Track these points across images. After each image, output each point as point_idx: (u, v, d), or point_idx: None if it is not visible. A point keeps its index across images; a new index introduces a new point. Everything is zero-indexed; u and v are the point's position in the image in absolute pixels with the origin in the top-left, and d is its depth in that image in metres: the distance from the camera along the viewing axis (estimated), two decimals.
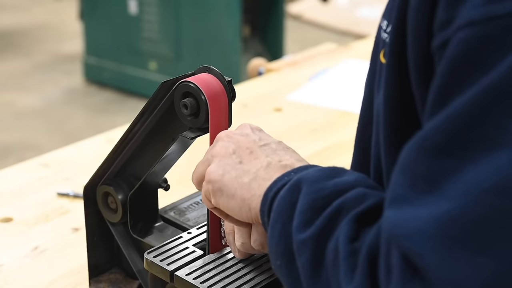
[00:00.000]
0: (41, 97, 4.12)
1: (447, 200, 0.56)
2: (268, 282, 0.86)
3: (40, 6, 5.66)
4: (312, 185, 0.71)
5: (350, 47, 2.24)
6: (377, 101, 0.74)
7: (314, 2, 5.40)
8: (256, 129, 0.84)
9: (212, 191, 0.79)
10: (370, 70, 0.78)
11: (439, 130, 0.58)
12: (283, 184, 0.74)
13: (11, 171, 1.45)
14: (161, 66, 3.99)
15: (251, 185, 0.77)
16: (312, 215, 0.69)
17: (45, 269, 1.14)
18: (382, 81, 0.71)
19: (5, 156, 3.46)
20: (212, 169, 0.79)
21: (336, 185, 0.71)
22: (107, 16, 4.09)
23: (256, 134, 0.83)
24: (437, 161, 0.58)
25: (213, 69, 0.89)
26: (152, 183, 1.02)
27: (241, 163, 0.79)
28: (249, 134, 0.82)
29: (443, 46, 0.60)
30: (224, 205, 0.79)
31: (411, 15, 0.65)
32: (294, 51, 3.60)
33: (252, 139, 0.81)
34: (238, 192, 0.77)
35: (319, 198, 0.70)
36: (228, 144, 0.81)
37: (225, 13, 3.70)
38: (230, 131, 0.84)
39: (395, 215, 0.59)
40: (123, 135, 0.98)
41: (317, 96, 1.84)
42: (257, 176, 0.77)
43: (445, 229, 0.55)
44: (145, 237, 1.01)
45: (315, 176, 0.73)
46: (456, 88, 0.58)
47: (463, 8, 0.58)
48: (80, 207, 1.11)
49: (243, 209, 0.77)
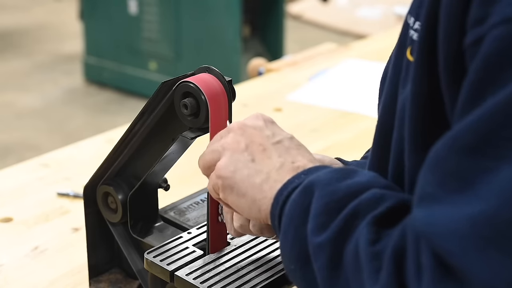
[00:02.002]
0: (41, 97, 4.12)
1: (480, 199, 0.56)
2: (268, 282, 0.86)
3: (40, 6, 5.66)
4: (325, 187, 0.71)
5: (350, 47, 2.24)
6: (402, 97, 0.73)
7: (314, 2, 5.40)
8: (268, 121, 0.83)
9: (222, 187, 0.78)
10: (394, 67, 0.77)
11: (471, 129, 0.57)
12: (294, 187, 0.74)
13: (11, 171, 1.45)
14: (161, 66, 3.99)
15: (263, 186, 0.76)
16: (327, 218, 0.69)
17: (45, 269, 1.14)
18: (410, 78, 0.70)
19: (5, 156, 3.46)
20: (223, 164, 0.78)
21: (350, 187, 0.70)
22: (107, 16, 4.09)
23: (269, 128, 0.82)
24: (469, 160, 0.57)
25: (213, 69, 0.89)
26: (152, 183, 1.02)
27: (253, 161, 0.77)
28: (262, 127, 0.81)
29: (476, 44, 0.59)
30: (233, 202, 0.78)
31: (443, 12, 0.64)
32: (294, 51, 3.60)
33: (265, 135, 0.80)
34: (249, 192, 0.76)
35: (333, 201, 0.69)
36: (241, 138, 0.79)
37: (225, 13, 3.70)
38: (242, 123, 0.82)
39: (426, 214, 0.59)
40: (123, 135, 0.98)
41: (317, 96, 1.84)
42: (269, 177, 0.76)
43: (478, 229, 0.55)
44: (145, 237, 1.01)
45: (327, 178, 0.72)
46: (490, 86, 0.57)
47: (498, 6, 0.58)
48: (80, 207, 1.11)
49: (253, 210, 0.77)
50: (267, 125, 0.82)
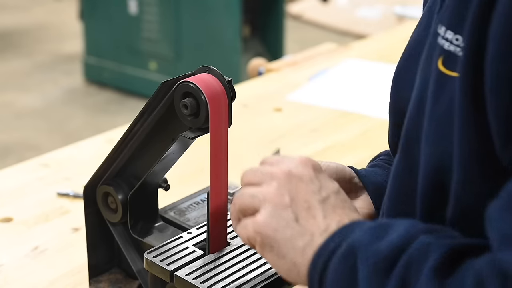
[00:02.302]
0: (41, 97, 4.12)
1: None
2: (268, 282, 0.86)
3: (40, 6, 5.66)
4: (367, 249, 0.68)
5: (350, 47, 2.24)
6: (437, 111, 0.69)
7: (314, 2, 5.40)
8: (316, 170, 0.77)
9: (261, 243, 0.75)
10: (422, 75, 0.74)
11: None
12: (331, 251, 0.70)
13: (11, 171, 1.45)
14: (161, 66, 3.99)
15: (306, 250, 0.72)
16: (380, 281, 0.66)
17: (45, 269, 1.14)
18: (457, 96, 0.66)
19: (5, 156, 3.46)
20: (263, 220, 0.74)
21: (392, 243, 0.67)
22: (107, 16, 4.09)
23: (317, 181, 0.76)
24: None
25: (213, 69, 0.89)
26: (152, 183, 1.02)
27: (297, 220, 0.73)
28: (309, 179, 0.76)
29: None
30: (271, 261, 0.75)
31: (496, 32, 0.62)
32: (294, 51, 3.60)
33: (311, 190, 0.75)
34: (291, 254, 0.73)
35: (380, 261, 0.66)
36: (285, 191, 0.75)
37: (225, 13, 3.70)
38: (289, 170, 0.76)
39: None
40: (123, 135, 0.98)
41: (317, 96, 1.84)
42: (313, 241, 0.72)
43: None
44: (145, 237, 1.01)
45: (366, 239, 0.69)
46: None
47: None
48: (80, 207, 1.11)
49: (292, 272, 0.73)
50: (316, 175, 0.77)
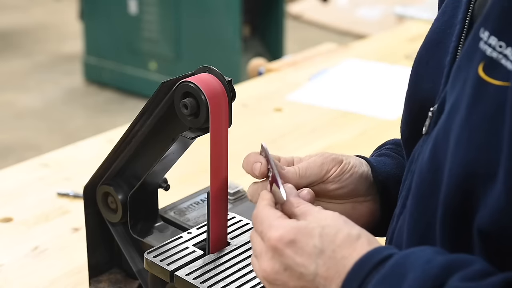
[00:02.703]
0: (41, 97, 4.12)
1: None
2: None
3: (40, 6, 5.66)
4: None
5: (350, 47, 2.24)
6: (475, 117, 0.67)
7: (314, 2, 5.39)
8: (288, 248, 0.73)
9: None
10: (462, 76, 0.72)
11: None
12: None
13: (11, 171, 1.45)
14: (161, 66, 3.99)
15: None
16: None
17: (45, 269, 1.14)
18: (509, 106, 0.65)
19: (5, 156, 3.46)
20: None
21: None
22: (107, 16, 4.09)
23: (294, 263, 0.73)
24: None
25: (213, 69, 0.89)
26: (152, 183, 1.02)
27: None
28: (286, 268, 0.74)
29: None
30: None
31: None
32: (294, 51, 3.60)
33: (296, 277, 0.73)
34: None
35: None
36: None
37: (225, 13, 3.70)
38: (265, 271, 0.75)
39: None
40: (123, 135, 0.98)
41: (317, 96, 1.84)
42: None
43: None
44: (145, 237, 1.01)
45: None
46: None
47: None
48: (80, 207, 1.11)
49: None
50: (286, 260, 0.74)
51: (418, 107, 0.81)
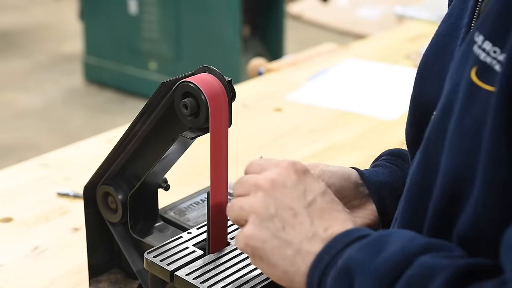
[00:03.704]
0: (41, 97, 4.12)
1: None
2: (268, 282, 0.86)
3: (40, 6, 5.66)
4: (363, 268, 0.67)
5: (350, 47, 2.24)
6: (466, 122, 0.68)
7: (314, 2, 5.39)
8: (301, 173, 0.78)
9: (252, 255, 0.76)
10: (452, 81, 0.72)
11: None
12: (326, 265, 0.70)
13: (11, 171, 1.45)
14: (161, 66, 3.99)
15: (295, 259, 0.73)
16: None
17: (45, 269, 1.14)
18: (492, 110, 0.64)
19: (5, 156, 3.46)
20: (251, 233, 0.75)
21: (388, 262, 0.66)
22: (107, 16, 4.09)
23: (301, 183, 0.77)
24: None
25: (213, 69, 0.89)
26: (152, 183, 1.02)
27: (284, 229, 0.74)
28: (292, 185, 0.76)
29: None
30: (264, 270, 0.76)
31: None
32: (294, 51, 3.60)
33: (296, 196, 0.76)
34: (280, 263, 0.74)
35: (376, 283, 0.66)
36: (269, 200, 0.75)
37: (225, 13, 3.70)
38: (272, 179, 0.76)
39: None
40: (123, 135, 0.98)
41: (317, 96, 1.84)
42: (301, 248, 0.73)
43: None
44: (145, 237, 1.01)
45: (361, 257, 0.68)
46: None
47: None
48: (80, 207, 1.11)
49: (285, 280, 0.74)
50: (299, 179, 0.77)
51: (422, 110, 0.80)
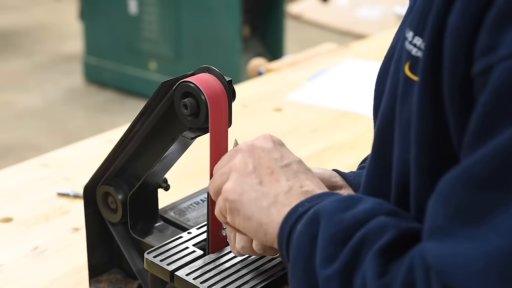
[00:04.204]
0: (41, 97, 4.12)
1: (496, 235, 0.54)
2: (268, 282, 0.86)
3: (40, 6, 5.66)
4: (331, 217, 0.69)
5: (350, 47, 2.24)
6: (403, 116, 0.70)
7: (314, 2, 5.39)
8: (277, 143, 0.82)
9: (229, 210, 0.78)
10: (392, 81, 0.74)
11: (485, 162, 0.56)
12: (298, 216, 0.72)
13: (11, 171, 1.45)
14: (161, 66, 3.99)
15: (270, 210, 0.75)
16: (335, 249, 0.67)
17: (45, 269, 1.14)
18: (415, 99, 0.67)
19: (5, 156, 3.45)
20: (229, 187, 0.77)
21: (355, 216, 0.68)
22: (107, 16, 4.09)
23: (278, 150, 0.80)
24: (483, 194, 0.56)
25: (213, 69, 0.89)
26: (152, 183, 1.02)
27: (261, 184, 0.76)
28: (270, 149, 0.80)
29: (484, 73, 0.58)
30: (240, 225, 0.77)
31: (450, 36, 0.62)
32: (294, 51, 3.60)
33: (274, 157, 0.79)
34: (256, 215, 0.75)
35: (339, 231, 0.68)
36: (248, 159, 0.78)
37: (225, 13, 3.70)
38: (252, 144, 0.80)
39: (438, 247, 0.57)
40: (123, 135, 0.98)
41: (317, 96, 1.84)
42: (277, 201, 0.75)
43: (494, 265, 0.53)
44: (145, 237, 1.01)
45: (333, 207, 0.70)
46: (501, 119, 0.56)
47: (508, 36, 0.56)
48: (80, 207, 1.11)
49: (259, 233, 0.76)
50: (276, 147, 0.80)
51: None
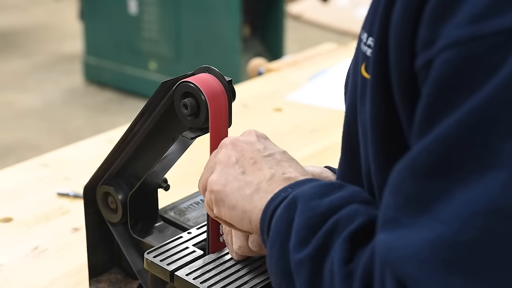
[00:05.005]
0: (41, 97, 4.12)
1: (439, 223, 0.55)
2: (268, 282, 0.86)
3: (40, 6, 5.66)
4: (308, 202, 0.70)
5: (350, 47, 2.24)
6: (363, 116, 0.72)
7: (314, 2, 5.40)
8: (261, 137, 0.83)
9: (214, 201, 0.79)
10: (352, 82, 0.76)
11: (428, 151, 0.57)
12: (280, 201, 0.73)
13: (11, 171, 1.45)
14: (161, 66, 3.99)
15: (253, 197, 0.76)
16: (308, 234, 0.68)
17: (45, 269, 1.14)
18: (368, 97, 0.69)
19: (5, 156, 3.46)
20: (214, 179, 0.79)
21: (331, 202, 0.70)
22: (107, 16, 4.09)
23: (261, 143, 0.82)
24: (427, 183, 0.57)
25: (213, 69, 0.89)
26: (152, 183, 1.02)
27: (244, 173, 0.78)
28: (253, 142, 0.81)
29: (426, 66, 0.59)
30: (225, 215, 0.79)
31: (393, 33, 0.63)
32: (294, 51, 3.60)
33: (257, 148, 0.80)
34: (240, 203, 0.77)
35: (314, 216, 0.69)
36: (232, 152, 0.80)
37: (225, 13, 3.70)
38: (235, 138, 0.82)
39: (388, 238, 0.58)
40: (123, 135, 0.98)
41: (317, 96, 1.84)
42: (260, 188, 0.76)
43: (438, 253, 0.54)
44: (145, 237, 1.01)
45: (311, 192, 0.72)
46: (443, 109, 0.57)
47: (446, 28, 0.57)
48: (80, 207, 1.11)
49: (244, 221, 0.77)
50: (259, 140, 0.82)
51: None
